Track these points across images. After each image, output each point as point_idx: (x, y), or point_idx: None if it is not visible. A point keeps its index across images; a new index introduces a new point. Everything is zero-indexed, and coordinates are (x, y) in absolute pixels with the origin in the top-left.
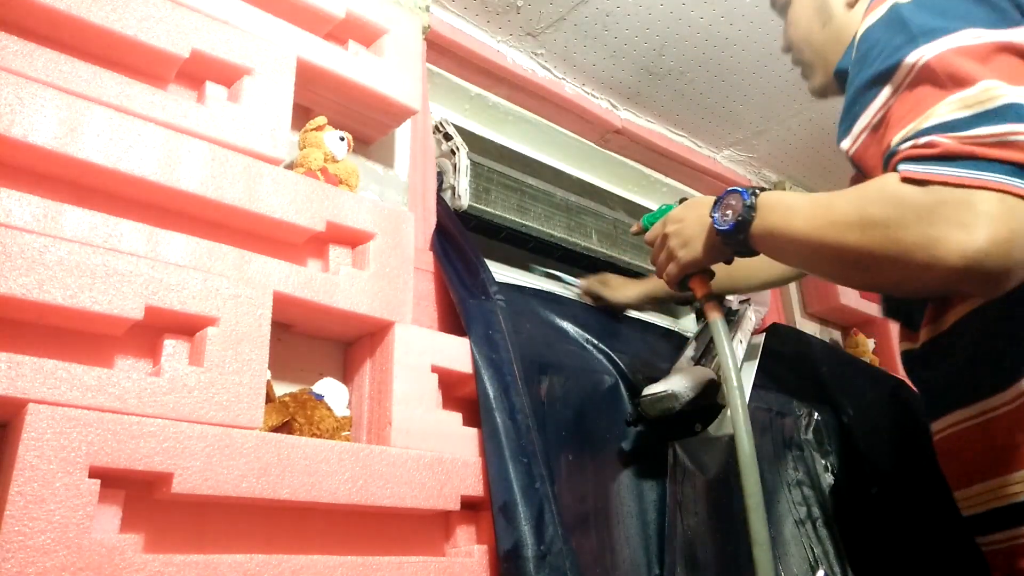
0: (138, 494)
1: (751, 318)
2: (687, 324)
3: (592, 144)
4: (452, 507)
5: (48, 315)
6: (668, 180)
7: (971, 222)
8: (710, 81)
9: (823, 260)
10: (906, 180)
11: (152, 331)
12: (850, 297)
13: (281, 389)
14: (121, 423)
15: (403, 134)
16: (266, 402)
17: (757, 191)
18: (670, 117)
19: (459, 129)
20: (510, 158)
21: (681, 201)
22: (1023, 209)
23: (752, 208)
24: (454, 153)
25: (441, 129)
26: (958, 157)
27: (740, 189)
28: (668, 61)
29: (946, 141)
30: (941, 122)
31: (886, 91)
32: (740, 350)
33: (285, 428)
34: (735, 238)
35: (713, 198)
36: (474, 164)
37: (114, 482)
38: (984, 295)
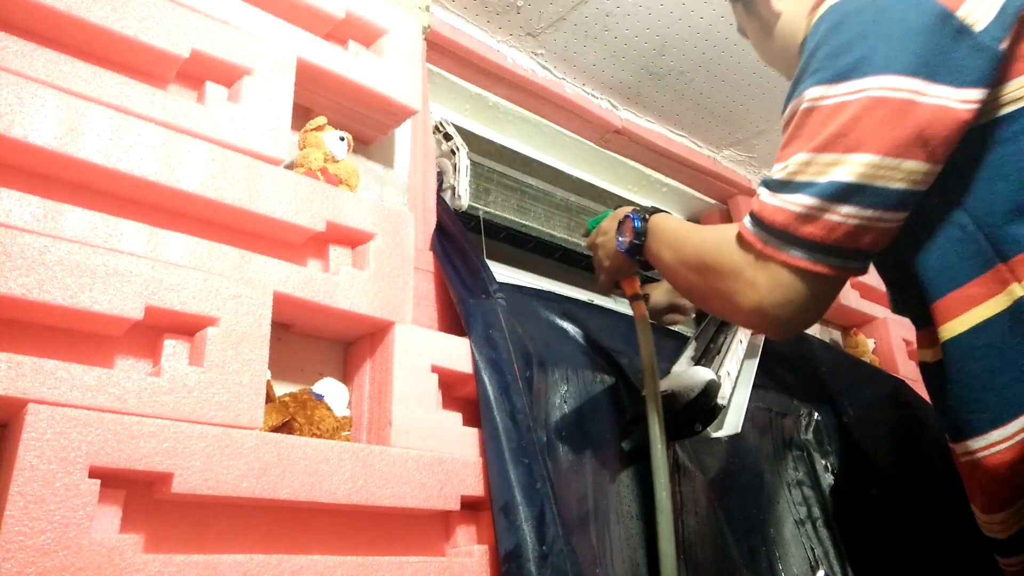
0: (138, 494)
1: None
2: (687, 324)
3: (592, 144)
4: (452, 507)
5: (48, 315)
6: (668, 180)
7: (761, 285)
8: (710, 81)
9: (680, 287)
10: (740, 236)
11: (152, 331)
12: (850, 297)
13: (281, 389)
14: (121, 423)
15: (403, 134)
16: (266, 402)
17: (647, 215)
18: (670, 117)
19: (459, 129)
20: (510, 158)
21: (617, 207)
22: (803, 280)
23: (642, 233)
24: (454, 153)
25: (441, 129)
26: (774, 228)
27: (633, 215)
28: (668, 61)
29: (770, 203)
30: (780, 179)
31: (791, 107)
32: (740, 350)
33: (285, 428)
34: (633, 257)
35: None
36: (474, 164)
37: (114, 482)
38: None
